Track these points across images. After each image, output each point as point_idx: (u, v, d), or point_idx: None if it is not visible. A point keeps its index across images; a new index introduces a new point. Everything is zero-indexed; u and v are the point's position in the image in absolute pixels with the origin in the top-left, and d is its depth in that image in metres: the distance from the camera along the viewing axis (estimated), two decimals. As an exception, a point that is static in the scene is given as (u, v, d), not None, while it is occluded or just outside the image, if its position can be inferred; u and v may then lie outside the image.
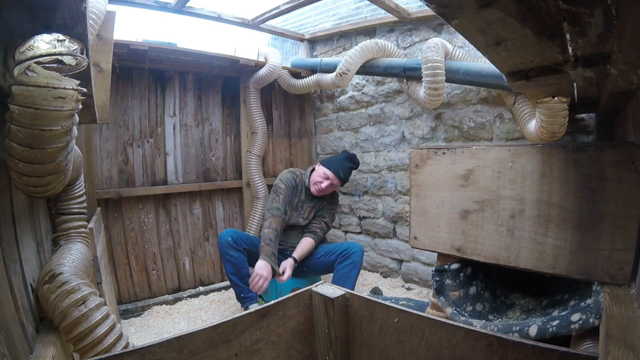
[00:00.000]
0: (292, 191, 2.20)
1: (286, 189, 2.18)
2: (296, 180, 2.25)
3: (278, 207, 2.10)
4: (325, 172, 2.19)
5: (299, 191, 2.26)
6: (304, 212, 2.29)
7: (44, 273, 0.87)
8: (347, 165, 2.24)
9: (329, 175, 2.18)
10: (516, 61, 0.76)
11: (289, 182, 2.21)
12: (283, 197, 2.14)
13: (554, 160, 1.05)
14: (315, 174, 2.23)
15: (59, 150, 0.69)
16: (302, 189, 2.28)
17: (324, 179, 2.19)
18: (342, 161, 2.25)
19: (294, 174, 2.27)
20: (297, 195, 2.25)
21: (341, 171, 2.20)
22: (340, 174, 2.19)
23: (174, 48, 2.22)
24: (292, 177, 2.24)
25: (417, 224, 1.42)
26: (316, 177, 2.21)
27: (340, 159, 2.26)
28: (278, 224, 2.05)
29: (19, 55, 0.60)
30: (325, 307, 0.86)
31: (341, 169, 2.20)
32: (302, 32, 3.10)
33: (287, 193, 2.16)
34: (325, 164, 2.23)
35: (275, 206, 2.10)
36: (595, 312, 0.84)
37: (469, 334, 0.67)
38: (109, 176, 2.21)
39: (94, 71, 1.28)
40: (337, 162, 2.24)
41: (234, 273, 2.02)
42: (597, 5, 0.47)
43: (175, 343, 0.67)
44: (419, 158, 1.38)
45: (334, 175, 2.18)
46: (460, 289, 1.29)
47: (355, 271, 2.03)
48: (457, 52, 1.98)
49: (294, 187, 2.22)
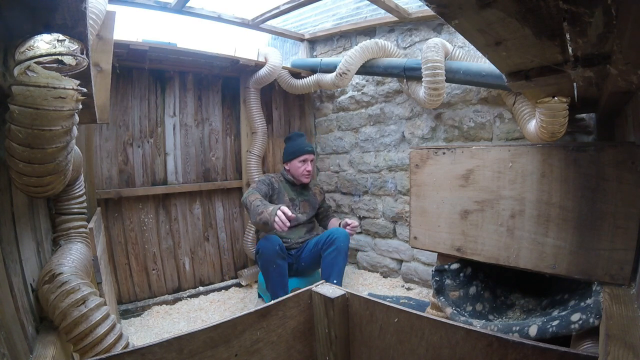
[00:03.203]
0: (267, 186, 2.24)
1: (258, 182, 2.25)
2: (271, 179, 2.31)
3: (251, 191, 2.13)
4: (299, 159, 2.29)
5: (281, 190, 2.32)
6: (299, 207, 2.35)
7: (44, 273, 0.87)
8: (301, 140, 2.37)
9: (306, 158, 2.30)
10: (516, 61, 0.76)
11: (261, 178, 2.30)
12: (255, 186, 2.20)
13: (554, 160, 1.05)
14: (294, 169, 2.31)
15: (59, 150, 0.69)
16: (284, 188, 2.34)
17: (303, 162, 2.30)
18: (295, 142, 2.36)
19: (267, 175, 2.38)
20: (282, 193, 2.31)
21: (304, 147, 2.31)
22: (307, 149, 2.31)
23: (174, 48, 2.22)
24: (265, 177, 2.32)
25: (417, 224, 1.41)
26: (298, 170, 2.30)
27: (292, 143, 2.37)
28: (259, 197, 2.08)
29: (19, 55, 0.60)
30: (325, 307, 0.86)
31: (302, 146, 2.31)
32: (302, 32, 3.10)
33: (259, 185, 2.21)
34: (294, 154, 2.31)
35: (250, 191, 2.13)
36: (595, 312, 0.84)
37: (469, 334, 0.67)
38: (109, 176, 2.21)
39: (94, 71, 1.28)
40: (294, 145, 2.33)
41: (279, 284, 1.96)
42: (597, 5, 0.47)
43: (175, 343, 0.67)
44: (419, 158, 1.38)
45: (306, 155, 2.30)
46: (460, 289, 1.29)
47: (340, 257, 2.02)
48: (457, 52, 1.98)
49: (269, 183, 2.27)
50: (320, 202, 2.50)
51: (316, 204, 2.46)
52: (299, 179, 2.32)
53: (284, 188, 2.33)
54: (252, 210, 1.97)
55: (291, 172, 2.34)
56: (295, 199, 2.35)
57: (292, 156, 2.32)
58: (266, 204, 1.94)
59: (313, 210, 2.44)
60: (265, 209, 1.88)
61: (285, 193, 2.33)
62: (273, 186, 2.28)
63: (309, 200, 2.41)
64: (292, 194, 2.35)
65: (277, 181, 2.33)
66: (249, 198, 2.04)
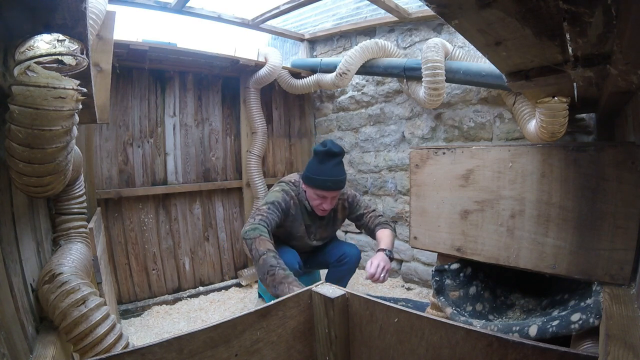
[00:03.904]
0: (280, 213, 1.75)
1: (271, 207, 1.72)
2: (288, 203, 1.81)
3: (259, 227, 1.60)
4: (316, 192, 1.77)
5: (297, 216, 1.85)
6: (315, 235, 1.95)
7: (44, 273, 0.87)
8: (329, 166, 1.75)
9: (325, 195, 1.77)
10: (516, 61, 0.76)
11: (277, 199, 1.77)
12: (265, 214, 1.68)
13: (554, 160, 1.05)
14: (309, 198, 1.83)
15: (59, 150, 0.69)
16: (300, 212, 1.87)
17: (321, 197, 1.78)
18: (320, 168, 1.75)
19: (287, 192, 1.83)
20: (297, 222, 1.86)
21: (327, 180, 1.73)
22: (329, 185, 1.74)
23: (174, 48, 2.22)
24: (282, 198, 1.79)
25: (417, 224, 1.41)
26: (312, 201, 1.82)
27: (317, 165, 1.77)
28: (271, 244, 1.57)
29: (19, 55, 0.60)
30: (325, 307, 0.86)
31: (330, 176, 1.73)
32: (302, 32, 3.10)
33: (270, 215, 1.69)
34: (311, 182, 1.77)
35: (262, 229, 1.59)
36: (595, 312, 0.84)
37: (469, 334, 0.67)
38: (109, 176, 2.21)
39: (94, 71, 1.28)
40: (318, 170, 1.75)
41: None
42: (597, 5, 0.47)
43: (175, 343, 0.67)
44: (419, 158, 1.38)
45: (326, 192, 1.76)
46: (460, 289, 1.29)
47: (349, 275, 1.99)
48: (457, 52, 1.98)
49: (283, 210, 1.78)
50: (346, 215, 2.02)
51: (338, 222, 2.02)
52: (314, 209, 1.86)
53: (299, 212, 1.86)
54: (260, 264, 1.47)
55: (307, 196, 1.85)
56: (311, 225, 1.92)
57: (307, 182, 1.80)
58: (285, 270, 1.43)
59: (333, 231, 2.06)
60: (285, 283, 1.38)
61: (302, 221, 1.87)
62: (289, 213, 1.81)
63: (329, 224, 1.99)
64: (307, 220, 1.90)
65: (294, 203, 1.84)
66: (257, 244, 1.51)
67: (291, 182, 1.90)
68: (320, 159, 1.76)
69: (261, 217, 1.65)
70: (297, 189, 1.88)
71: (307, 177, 1.80)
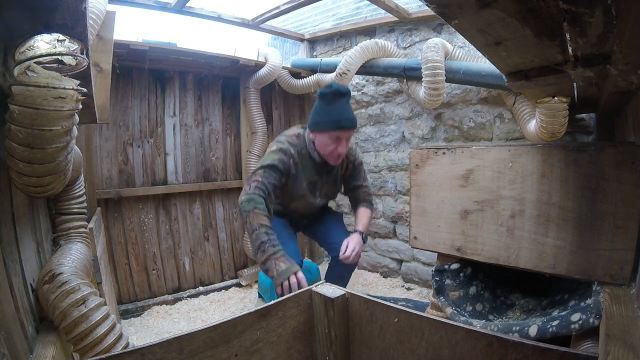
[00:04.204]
0: (279, 175, 1.64)
1: (268, 171, 1.60)
2: (288, 162, 1.67)
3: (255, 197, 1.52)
4: (330, 134, 1.63)
5: (299, 174, 1.72)
6: (320, 193, 1.83)
7: (44, 273, 0.87)
8: (339, 106, 1.63)
9: (339, 135, 1.63)
10: (516, 61, 0.76)
11: (274, 161, 1.63)
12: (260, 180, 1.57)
13: (554, 160, 1.05)
14: (321, 145, 1.69)
15: (59, 150, 0.69)
16: (303, 169, 1.73)
17: (335, 141, 1.64)
18: (331, 109, 1.63)
19: (285, 151, 1.68)
20: (299, 180, 1.73)
21: (342, 118, 1.62)
22: (345, 124, 1.62)
23: (174, 48, 2.22)
24: (280, 159, 1.64)
25: (417, 224, 1.41)
26: (325, 148, 1.67)
27: (326, 107, 1.64)
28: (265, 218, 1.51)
29: (19, 55, 0.60)
30: (325, 307, 0.86)
31: (343, 115, 1.63)
32: (302, 32, 3.10)
33: (267, 178, 1.59)
34: (324, 126, 1.64)
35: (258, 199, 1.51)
36: (595, 312, 0.84)
37: (469, 334, 0.67)
38: (109, 176, 2.21)
39: (94, 71, 1.28)
40: (329, 112, 1.63)
41: None
42: (597, 5, 0.47)
43: (175, 343, 0.67)
44: (419, 158, 1.38)
45: (341, 131, 1.62)
46: (460, 289, 1.29)
47: (349, 274, 1.96)
48: (457, 52, 1.98)
49: (283, 171, 1.65)
50: (347, 177, 1.91)
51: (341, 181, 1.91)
52: (326, 159, 1.72)
53: (302, 168, 1.72)
54: (252, 239, 1.47)
55: (316, 145, 1.71)
56: (316, 182, 1.78)
57: (319, 127, 1.65)
58: (274, 247, 1.43)
59: (337, 190, 1.94)
60: (272, 259, 1.41)
61: (303, 177, 1.73)
62: (289, 173, 1.67)
63: (335, 181, 1.86)
64: (313, 175, 1.76)
65: (297, 159, 1.70)
66: (251, 218, 1.47)
67: (293, 136, 1.75)
68: (330, 100, 1.64)
69: (256, 184, 1.55)
70: (300, 142, 1.74)
71: (317, 122, 1.66)
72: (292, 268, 1.40)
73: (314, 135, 1.70)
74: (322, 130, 1.65)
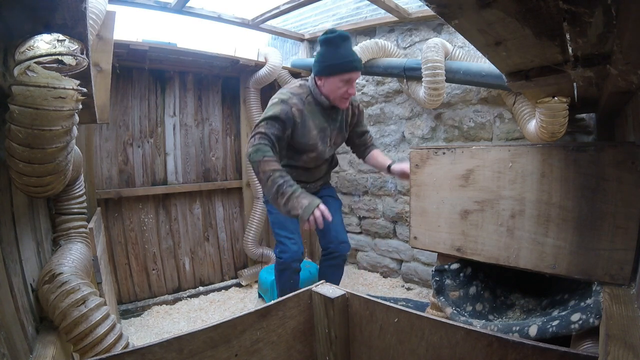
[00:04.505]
0: (283, 125, 1.61)
1: (270, 122, 1.58)
2: (291, 110, 1.62)
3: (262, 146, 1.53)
4: (341, 77, 1.62)
5: (305, 120, 1.67)
6: (331, 140, 1.80)
7: (44, 273, 0.87)
8: (345, 48, 1.63)
9: (351, 77, 1.63)
10: (516, 61, 0.76)
11: (276, 112, 1.59)
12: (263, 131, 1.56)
13: (554, 160, 1.05)
14: (331, 89, 1.66)
15: (59, 150, 0.69)
16: (310, 115, 1.69)
17: (346, 83, 1.63)
18: (339, 51, 1.62)
19: (286, 101, 1.63)
20: (307, 127, 1.68)
21: (352, 60, 1.62)
22: (356, 64, 1.63)
23: (174, 48, 2.22)
24: (282, 109, 1.60)
25: (417, 224, 1.41)
26: (336, 91, 1.65)
27: (333, 50, 1.63)
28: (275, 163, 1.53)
29: (19, 55, 0.60)
30: (325, 307, 0.86)
31: (352, 56, 1.63)
32: (302, 32, 3.09)
33: (269, 128, 1.57)
34: (334, 69, 1.62)
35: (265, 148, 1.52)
36: (595, 312, 0.84)
37: (469, 334, 0.67)
38: (109, 176, 2.21)
39: (94, 71, 1.28)
40: (338, 56, 1.62)
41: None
42: (597, 5, 0.47)
43: (175, 343, 0.67)
44: (419, 158, 1.38)
45: (352, 73, 1.62)
46: (460, 289, 1.29)
47: (340, 271, 1.92)
48: (457, 52, 1.98)
49: (287, 120, 1.61)
50: (354, 123, 1.90)
51: (349, 127, 1.89)
52: (335, 102, 1.69)
53: (309, 115, 1.68)
54: (268, 186, 1.48)
55: (324, 90, 1.67)
56: (326, 128, 1.74)
57: (329, 71, 1.62)
58: (292, 187, 1.46)
59: (344, 138, 1.91)
60: (293, 198, 1.44)
61: (312, 125, 1.69)
62: (294, 122, 1.63)
63: (342, 128, 1.83)
64: (322, 122, 1.72)
65: (300, 107, 1.65)
66: (262, 167, 1.49)
67: (295, 87, 1.73)
68: (336, 44, 1.63)
69: (260, 136, 1.55)
70: (305, 91, 1.71)
71: (326, 66, 1.64)
72: (314, 202, 1.45)
73: (322, 81, 1.67)
74: (334, 73, 1.63)
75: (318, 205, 1.44)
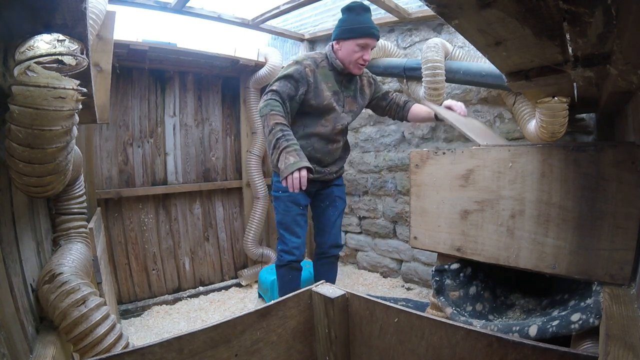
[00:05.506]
0: (296, 83, 1.67)
1: (284, 80, 1.65)
2: (304, 70, 1.69)
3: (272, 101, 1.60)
4: (357, 41, 1.69)
5: (319, 83, 1.72)
6: (344, 105, 1.82)
7: (44, 273, 0.87)
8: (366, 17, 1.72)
9: (367, 43, 1.70)
10: (516, 61, 0.76)
11: (290, 71, 1.66)
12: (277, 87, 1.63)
13: (554, 160, 1.05)
14: (346, 53, 1.72)
15: (59, 150, 0.69)
16: (324, 78, 1.74)
17: (362, 48, 1.70)
18: (358, 18, 1.71)
19: (300, 65, 1.69)
20: (320, 89, 1.72)
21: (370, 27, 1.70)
22: (373, 31, 1.70)
23: (174, 48, 2.22)
24: (296, 69, 1.67)
25: (417, 224, 1.41)
26: (351, 55, 1.71)
27: (353, 16, 1.72)
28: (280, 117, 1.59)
29: (19, 55, 0.60)
30: (325, 307, 0.86)
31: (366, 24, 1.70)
32: (302, 32, 3.09)
33: (282, 87, 1.65)
34: (353, 32, 1.70)
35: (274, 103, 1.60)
36: (595, 312, 0.84)
37: (469, 334, 0.67)
38: (109, 176, 2.21)
39: (94, 71, 1.29)
40: (357, 21, 1.70)
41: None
42: (597, 5, 0.47)
43: (175, 343, 0.67)
44: (419, 158, 1.38)
45: (369, 39, 1.70)
46: (460, 289, 1.29)
47: (335, 269, 1.97)
48: (457, 52, 1.98)
49: (300, 79, 1.68)
50: (372, 94, 1.96)
51: (365, 99, 1.93)
52: (349, 68, 1.75)
53: (323, 78, 1.74)
54: (269, 140, 1.55)
55: (340, 55, 1.74)
56: (339, 92, 1.79)
57: (348, 35, 1.70)
58: (287, 141, 1.50)
59: (360, 107, 1.92)
60: (284, 153, 1.48)
61: (325, 87, 1.73)
62: (307, 81, 1.68)
63: (356, 97, 1.87)
64: (335, 86, 1.77)
65: (314, 69, 1.72)
66: (268, 120, 1.55)
67: (311, 53, 1.84)
68: (357, 12, 1.72)
69: (272, 93, 1.63)
70: (320, 56, 1.79)
71: (347, 30, 1.71)
72: (299, 163, 1.44)
73: (340, 45, 1.74)
74: (352, 36, 1.70)
75: (301, 168, 1.43)
